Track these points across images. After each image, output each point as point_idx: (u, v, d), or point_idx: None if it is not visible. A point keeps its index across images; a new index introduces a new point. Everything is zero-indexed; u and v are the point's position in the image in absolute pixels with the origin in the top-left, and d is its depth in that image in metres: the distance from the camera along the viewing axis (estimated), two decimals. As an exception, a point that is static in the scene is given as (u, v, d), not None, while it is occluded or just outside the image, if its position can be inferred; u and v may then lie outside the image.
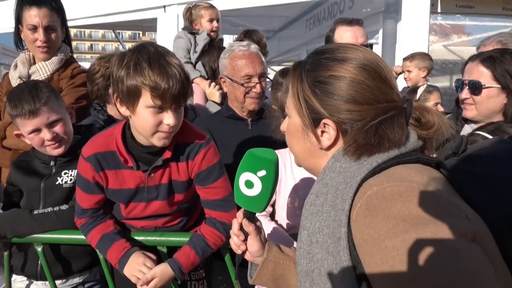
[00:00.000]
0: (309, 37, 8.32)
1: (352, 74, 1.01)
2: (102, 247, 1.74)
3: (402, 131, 0.98)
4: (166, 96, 1.45)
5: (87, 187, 1.71)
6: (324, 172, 1.03)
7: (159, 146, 1.58)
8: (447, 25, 6.04)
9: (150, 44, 1.52)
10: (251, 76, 2.28)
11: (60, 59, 2.51)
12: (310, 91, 1.04)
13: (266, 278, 1.35)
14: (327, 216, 0.97)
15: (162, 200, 1.71)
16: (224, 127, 2.36)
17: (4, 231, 1.84)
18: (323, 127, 1.03)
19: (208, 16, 3.50)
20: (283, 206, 1.89)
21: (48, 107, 1.82)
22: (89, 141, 1.69)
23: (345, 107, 1.00)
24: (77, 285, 2.03)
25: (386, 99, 1.01)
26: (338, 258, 0.92)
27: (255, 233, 1.31)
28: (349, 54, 1.04)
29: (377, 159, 0.96)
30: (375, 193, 0.87)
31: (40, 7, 2.37)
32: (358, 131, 0.99)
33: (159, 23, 6.29)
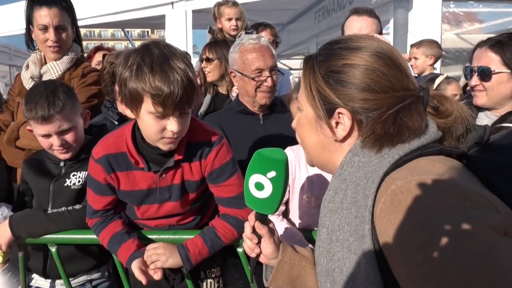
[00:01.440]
0: (319, 29, 8.24)
1: (366, 62, 0.98)
2: (112, 248, 1.75)
3: (421, 118, 0.95)
4: (168, 103, 1.40)
5: (99, 189, 1.70)
6: (342, 167, 0.99)
7: (165, 150, 1.56)
8: (461, 13, 5.93)
9: (155, 45, 1.46)
10: (262, 69, 2.24)
11: (71, 58, 2.51)
12: (323, 82, 1.01)
13: (282, 281, 1.30)
14: (347, 213, 0.93)
15: (175, 201, 1.70)
16: (235, 123, 2.34)
17: (19, 232, 1.85)
18: (338, 117, 1.00)
19: (226, 15, 3.53)
20: (297, 205, 1.87)
21: (62, 115, 1.82)
22: (99, 142, 1.68)
23: (360, 95, 0.97)
24: (85, 282, 2.04)
25: (402, 87, 0.98)
26: (362, 256, 0.88)
27: (269, 235, 1.27)
28: (363, 43, 1.01)
29: (398, 151, 0.93)
30: (399, 188, 0.84)
31: (50, 7, 2.38)
32: (375, 121, 0.95)
33: (167, 20, 6.28)
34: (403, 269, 0.81)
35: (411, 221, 0.79)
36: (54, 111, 1.79)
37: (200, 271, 1.89)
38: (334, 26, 7.16)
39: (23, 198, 2.07)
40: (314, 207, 1.82)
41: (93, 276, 2.06)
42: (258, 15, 8.03)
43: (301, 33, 9.09)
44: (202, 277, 1.90)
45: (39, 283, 2.05)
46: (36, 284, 2.06)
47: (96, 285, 2.07)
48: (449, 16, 5.77)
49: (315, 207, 1.81)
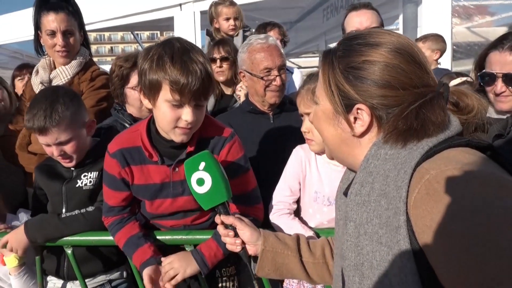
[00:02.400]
0: (327, 26, 8.19)
1: (386, 58, 0.97)
2: (128, 251, 1.77)
3: (444, 113, 0.95)
4: (185, 92, 1.45)
5: (114, 184, 1.72)
6: (367, 161, 0.98)
7: (178, 141, 1.59)
8: (471, 6, 5.84)
9: (177, 40, 1.53)
10: (271, 69, 2.24)
11: (79, 62, 2.53)
12: (342, 77, 1.00)
13: (268, 269, 1.37)
14: (375, 205, 0.92)
15: (188, 195, 1.70)
16: (245, 122, 2.34)
17: (35, 237, 1.87)
18: (356, 113, 0.99)
19: (224, 14, 3.53)
20: (309, 203, 1.86)
21: (59, 128, 1.82)
22: (115, 138, 1.72)
23: (379, 92, 0.96)
24: (104, 282, 2.06)
25: (422, 84, 0.97)
26: (396, 248, 0.87)
27: (238, 221, 1.38)
28: (382, 38, 1.00)
29: (427, 143, 0.92)
30: (434, 177, 0.83)
31: (57, 12, 2.40)
32: (396, 118, 0.95)
33: (175, 21, 6.31)
34: (442, 257, 0.80)
35: (450, 210, 0.78)
36: (50, 124, 1.79)
37: (216, 270, 1.89)
38: (343, 23, 7.11)
39: (38, 203, 2.10)
40: (325, 205, 1.80)
41: (112, 276, 2.07)
42: (266, 14, 8.02)
43: (309, 31, 9.06)
44: (217, 275, 1.90)
45: (57, 285, 2.07)
46: (54, 287, 2.07)
47: (115, 286, 2.08)
48: (459, 9, 5.68)
49: (326, 205, 1.80)
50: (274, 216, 1.84)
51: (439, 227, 0.79)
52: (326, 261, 1.38)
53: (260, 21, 6.95)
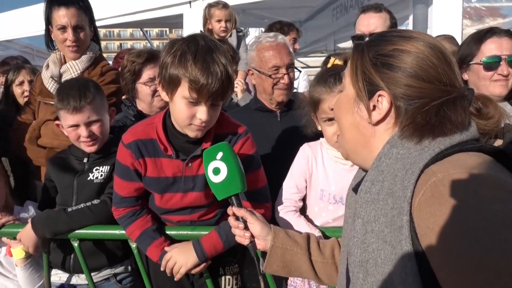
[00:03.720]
0: (337, 26, 8.16)
1: (418, 49, 0.98)
2: (142, 243, 1.79)
3: (465, 114, 0.95)
4: (203, 92, 1.47)
5: (127, 174, 1.74)
6: (380, 159, 0.98)
7: (192, 136, 1.62)
8: (482, 8, 5.80)
9: (202, 37, 1.54)
10: (279, 67, 2.25)
11: (89, 57, 2.55)
12: (370, 64, 1.01)
13: (276, 265, 1.37)
14: (383, 204, 0.93)
15: (198, 191, 1.72)
16: (253, 120, 2.33)
17: (43, 232, 1.89)
18: (377, 100, 1.00)
19: (216, 17, 3.64)
20: (315, 201, 1.86)
21: (91, 107, 1.91)
22: (130, 129, 1.74)
23: (405, 81, 0.97)
24: (109, 276, 2.08)
25: (448, 82, 0.97)
26: (398, 247, 0.88)
27: (249, 214, 1.39)
28: (416, 34, 1.02)
29: (439, 145, 0.92)
30: (440, 180, 0.83)
31: (68, 7, 2.42)
32: (416, 110, 0.95)
33: (185, 19, 6.31)
34: (443, 260, 0.80)
35: (453, 214, 0.78)
36: (85, 102, 1.89)
37: (219, 267, 1.91)
38: (352, 23, 7.03)
39: (47, 195, 2.13)
40: (331, 203, 1.80)
41: (117, 270, 2.09)
42: (275, 13, 8.02)
43: (318, 30, 9.02)
44: (220, 273, 1.91)
45: (62, 279, 2.09)
46: (60, 281, 2.10)
47: (120, 280, 2.10)
48: (470, 11, 5.65)
49: (332, 203, 1.80)
50: (280, 213, 1.84)
51: (442, 230, 0.80)
52: (335, 261, 1.39)
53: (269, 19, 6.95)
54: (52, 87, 2.50)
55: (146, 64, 2.38)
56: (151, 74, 2.38)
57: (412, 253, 0.86)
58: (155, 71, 2.38)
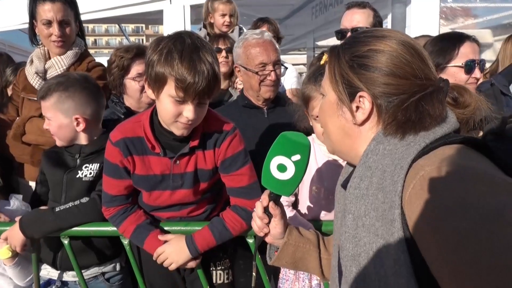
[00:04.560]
0: (316, 24, 8.23)
1: (391, 48, 1.01)
2: (138, 237, 1.78)
3: (442, 107, 0.99)
4: (190, 91, 1.47)
5: (116, 172, 1.73)
6: (367, 155, 1.02)
7: (178, 135, 1.61)
8: (458, 8, 5.96)
9: (188, 35, 1.53)
10: (266, 64, 2.26)
11: (75, 53, 2.51)
12: (347, 66, 1.04)
13: (285, 261, 1.38)
14: (373, 199, 0.95)
15: (187, 188, 1.73)
16: (240, 116, 2.35)
17: (32, 233, 1.87)
18: (358, 101, 1.03)
19: (220, 11, 3.58)
20: (307, 196, 1.89)
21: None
22: (117, 127, 1.73)
23: (382, 80, 1.00)
24: (97, 275, 2.07)
25: (423, 76, 1.00)
26: (391, 240, 0.91)
27: (280, 216, 1.32)
28: (388, 33, 1.05)
29: (424, 139, 0.95)
30: (428, 173, 0.86)
31: (53, 2, 2.38)
32: (396, 108, 0.99)
33: (165, 15, 6.25)
34: (434, 252, 0.83)
35: (443, 206, 0.81)
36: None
37: (210, 262, 1.92)
38: (332, 21, 7.16)
39: (41, 188, 2.11)
40: (324, 197, 1.84)
41: (105, 269, 2.08)
42: (255, 10, 8.01)
43: (298, 28, 9.08)
44: (212, 268, 1.93)
45: (51, 274, 2.07)
46: (48, 276, 2.08)
47: (108, 278, 2.08)
48: (446, 11, 5.79)
49: (325, 197, 1.84)
50: (272, 208, 1.86)
51: (433, 222, 0.82)
52: None
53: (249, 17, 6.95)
54: (37, 83, 2.45)
55: (135, 60, 2.36)
56: (140, 69, 2.36)
57: (405, 245, 0.88)
58: (144, 66, 2.38)
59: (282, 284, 2.01)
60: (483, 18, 7.09)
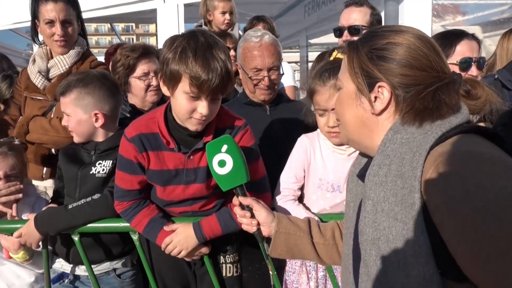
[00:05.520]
0: (309, 22, 8.27)
1: (409, 41, 1.06)
2: (151, 231, 1.80)
3: (458, 97, 1.05)
4: (204, 87, 1.51)
5: (131, 168, 1.76)
6: (385, 145, 1.06)
7: (193, 130, 1.66)
8: (449, 5, 6.04)
9: (202, 33, 1.57)
10: (260, 69, 2.25)
11: (77, 52, 2.53)
12: (366, 58, 1.09)
13: (280, 250, 1.45)
14: (392, 185, 1.00)
15: (200, 183, 1.76)
16: (243, 114, 2.31)
17: (46, 230, 1.89)
18: (377, 91, 1.08)
19: (220, 8, 3.58)
20: (313, 189, 1.93)
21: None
22: (132, 123, 1.76)
23: (400, 71, 1.05)
24: (109, 270, 2.09)
25: (439, 69, 1.06)
26: (410, 223, 0.96)
27: (256, 202, 1.46)
28: (405, 28, 1.11)
29: (440, 128, 1.00)
30: (446, 159, 0.91)
31: (56, 1, 2.39)
32: (413, 97, 1.04)
33: (158, 14, 6.23)
34: (453, 233, 0.89)
35: (460, 189, 0.87)
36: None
37: (220, 257, 1.96)
38: (325, 19, 7.21)
39: (58, 184, 2.15)
40: (329, 191, 1.88)
41: (117, 265, 2.10)
42: (247, 8, 8.01)
43: (291, 26, 9.10)
44: (221, 262, 1.96)
45: (64, 267, 2.11)
46: (61, 269, 2.11)
47: (120, 274, 2.11)
48: (438, 8, 5.87)
49: (330, 191, 1.88)
50: (280, 202, 1.90)
51: (451, 205, 0.88)
52: (336, 242, 1.47)
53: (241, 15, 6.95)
54: (40, 82, 2.47)
55: (141, 59, 2.39)
56: (145, 68, 2.39)
57: (424, 227, 0.94)
58: (149, 65, 2.40)
59: (288, 276, 2.05)
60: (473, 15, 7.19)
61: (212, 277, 1.89)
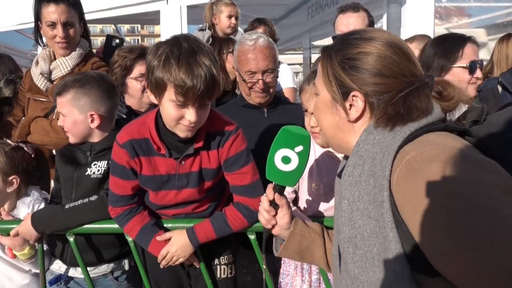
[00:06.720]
0: (312, 24, 8.28)
1: (379, 50, 1.09)
2: (143, 239, 1.82)
3: (428, 100, 1.08)
4: (189, 95, 1.50)
5: (123, 173, 1.76)
6: (359, 145, 1.10)
7: (182, 137, 1.65)
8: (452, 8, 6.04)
9: (185, 39, 1.55)
10: (254, 72, 2.26)
11: (79, 54, 2.55)
12: (339, 68, 1.13)
13: (292, 251, 1.44)
14: (365, 184, 1.04)
15: (192, 187, 1.77)
16: (240, 116, 2.34)
17: (43, 229, 1.91)
18: (352, 100, 1.11)
19: (227, 12, 3.61)
20: (307, 192, 1.94)
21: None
22: (123, 129, 1.76)
23: (372, 80, 1.09)
24: (106, 273, 2.10)
25: (410, 73, 1.09)
26: (381, 220, 1.00)
27: (287, 205, 1.40)
28: (375, 34, 1.14)
29: (409, 128, 1.04)
30: (413, 158, 0.95)
31: (57, 3, 2.42)
32: (386, 104, 1.07)
33: (162, 16, 6.26)
34: (419, 226, 0.92)
35: (427, 186, 0.90)
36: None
37: (215, 258, 1.98)
38: (328, 21, 7.20)
39: (57, 185, 2.16)
40: (323, 194, 1.89)
41: (114, 267, 2.11)
42: (250, 10, 8.03)
43: (293, 28, 9.12)
44: (216, 263, 1.99)
45: (62, 269, 2.12)
46: (59, 271, 2.13)
47: (117, 277, 2.12)
48: (440, 10, 5.87)
49: (324, 193, 1.89)
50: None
51: (417, 200, 0.92)
52: None
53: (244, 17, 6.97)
54: (42, 83, 2.50)
55: (138, 60, 2.41)
56: (142, 69, 2.40)
57: (393, 224, 0.98)
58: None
59: (282, 279, 2.06)
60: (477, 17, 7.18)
61: (206, 279, 1.91)
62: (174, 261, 1.81)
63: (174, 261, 1.81)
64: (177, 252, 1.79)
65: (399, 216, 0.97)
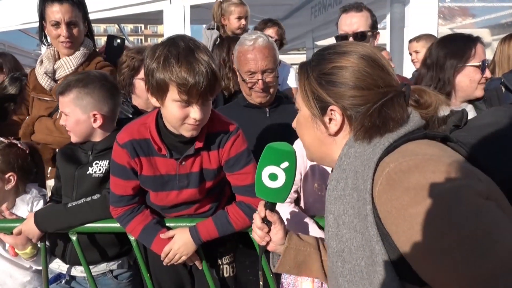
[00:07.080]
0: (315, 24, 8.30)
1: (352, 63, 1.11)
2: (146, 237, 1.83)
3: (402, 110, 1.09)
4: (193, 92, 1.50)
5: (124, 173, 1.76)
6: (341, 159, 1.11)
7: (188, 136, 1.64)
8: (456, 7, 6.04)
9: (181, 39, 1.56)
10: (253, 72, 2.25)
11: (83, 53, 2.56)
12: (316, 83, 1.14)
13: (289, 266, 1.42)
14: (349, 198, 1.05)
15: (193, 188, 1.78)
16: (242, 116, 2.34)
17: (45, 227, 1.92)
18: (330, 114, 1.13)
19: (237, 13, 3.57)
20: (309, 192, 1.94)
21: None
22: (124, 129, 1.76)
23: (349, 93, 1.10)
24: (105, 271, 2.11)
25: (385, 84, 1.10)
26: (366, 234, 1.00)
27: (279, 221, 1.39)
28: (349, 48, 1.15)
29: (388, 139, 1.05)
30: (392, 169, 0.95)
31: (61, 3, 2.43)
32: (363, 116, 1.08)
33: (165, 15, 6.28)
34: (403, 237, 0.93)
35: (406, 196, 0.91)
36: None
37: (217, 258, 1.99)
38: (331, 21, 7.21)
39: (57, 184, 2.17)
40: (325, 194, 1.89)
41: (114, 266, 2.12)
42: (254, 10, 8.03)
43: (297, 28, 9.14)
44: (218, 263, 1.99)
45: (61, 268, 2.13)
46: (58, 269, 2.14)
47: (117, 275, 2.13)
48: (444, 10, 5.87)
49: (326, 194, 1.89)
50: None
51: (399, 212, 0.92)
52: None
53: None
54: (46, 83, 2.51)
55: None
56: (150, 70, 2.40)
57: (379, 237, 0.98)
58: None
59: (284, 279, 2.06)
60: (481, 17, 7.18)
61: (208, 279, 1.91)
62: (177, 259, 1.81)
63: (176, 259, 1.81)
64: (179, 249, 1.79)
65: (383, 229, 0.97)
